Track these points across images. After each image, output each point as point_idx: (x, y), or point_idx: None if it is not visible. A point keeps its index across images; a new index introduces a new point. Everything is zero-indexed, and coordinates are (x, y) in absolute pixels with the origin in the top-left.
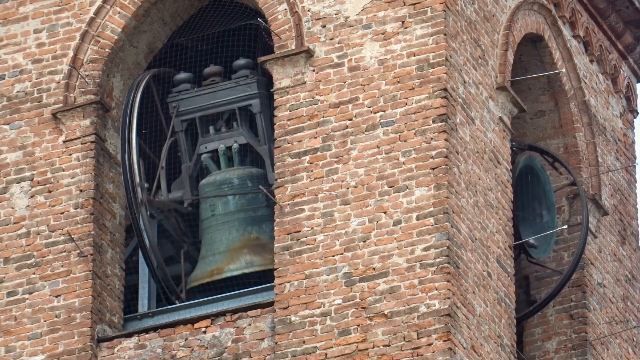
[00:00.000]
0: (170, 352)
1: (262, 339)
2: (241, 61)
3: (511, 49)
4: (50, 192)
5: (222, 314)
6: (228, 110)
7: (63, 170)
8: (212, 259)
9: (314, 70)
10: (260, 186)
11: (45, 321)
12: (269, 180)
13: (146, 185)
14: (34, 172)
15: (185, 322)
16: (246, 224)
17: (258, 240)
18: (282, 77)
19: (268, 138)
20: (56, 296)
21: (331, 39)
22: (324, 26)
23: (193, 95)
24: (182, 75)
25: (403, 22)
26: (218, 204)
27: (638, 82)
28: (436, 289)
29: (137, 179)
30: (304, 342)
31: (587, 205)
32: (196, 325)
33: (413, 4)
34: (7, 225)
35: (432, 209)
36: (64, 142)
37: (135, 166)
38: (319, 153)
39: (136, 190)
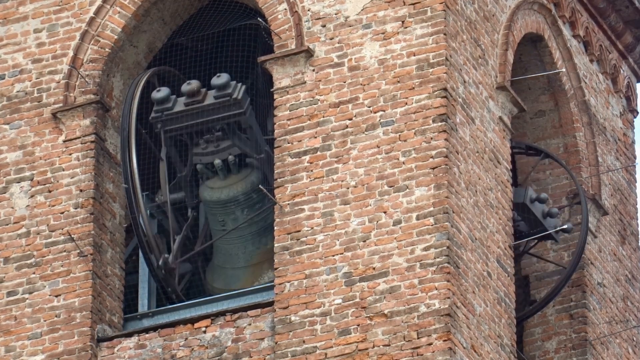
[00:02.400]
0: (170, 351)
1: (262, 339)
2: (220, 79)
3: (511, 48)
4: (50, 191)
5: (222, 313)
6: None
7: (63, 170)
8: (233, 273)
9: (314, 70)
10: (260, 186)
11: (45, 321)
12: (270, 184)
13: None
14: (34, 172)
15: (185, 321)
16: (259, 235)
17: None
18: (282, 77)
19: (267, 143)
20: (56, 296)
21: (331, 39)
22: (324, 26)
23: (177, 116)
24: (161, 94)
25: (403, 21)
26: (227, 220)
27: (638, 81)
28: (436, 289)
29: (137, 179)
30: (304, 341)
31: (587, 205)
32: (196, 325)
33: (413, 4)
34: (7, 225)
35: (432, 208)
36: (64, 141)
37: (135, 166)
38: (318, 153)
39: (136, 190)
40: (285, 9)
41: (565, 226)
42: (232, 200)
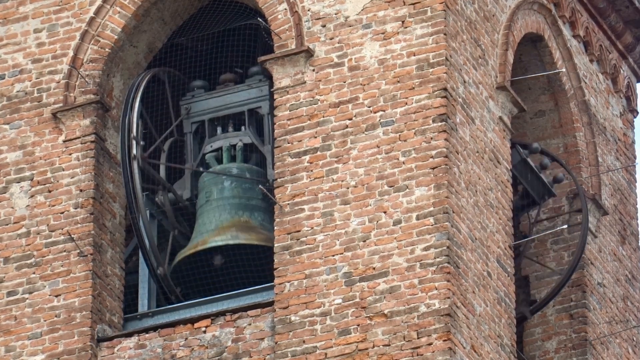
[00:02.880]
0: (170, 351)
1: (262, 339)
2: (255, 67)
3: (511, 48)
4: (50, 191)
5: (222, 313)
6: (237, 113)
7: (63, 170)
8: (200, 236)
9: (314, 70)
10: (260, 186)
11: (45, 321)
12: (268, 179)
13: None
14: (34, 172)
15: (185, 321)
16: (238, 208)
17: (247, 223)
18: (282, 77)
19: (272, 138)
20: (56, 296)
21: (331, 39)
22: (324, 26)
23: (205, 98)
24: (198, 82)
25: (403, 21)
26: (214, 190)
27: (638, 81)
28: (436, 289)
29: (137, 179)
30: (304, 341)
31: (587, 205)
32: (196, 325)
33: (413, 4)
34: (7, 225)
35: (432, 208)
36: (64, 141)
37: (135, 166)
38: (318, 153)
39: (137, 190)
40: (285, 9)
41: (565, 226)
42: (224, 170)
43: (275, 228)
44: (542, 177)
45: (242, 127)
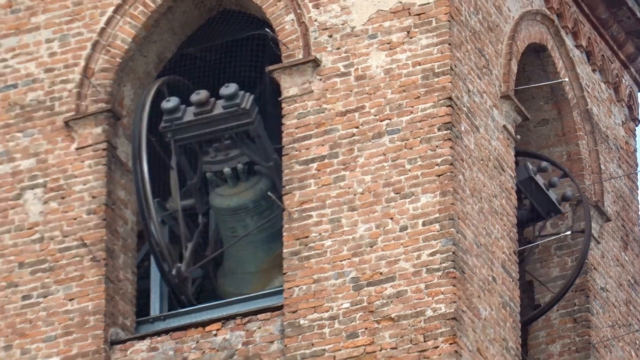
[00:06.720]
0: (182, 354)
1: (272, 342)
2: (229, 89)
3: (515, 58)
4: (63, 198)
5: (233, 317)
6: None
7: (75, 177)
8: (244, 277)
9: (321, 79)
10: (269, 193)
11: (59, 324)
12: (278, 190)
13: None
14: (47, 179)
15: (196, 325)
16: (268, 242)
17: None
18: (289, 86)
19: (276, 151)
20: (70, 300)
21: (338, 49)
22: (330, 36)
23: (187, 126)
24: (170, 104)
25: (408, 32)
26: (238, 227)
27: (639, 90)
28: (442, 293)
29: (148, 186)
30: (312, 344)
31: (590, 211)
32: (207, 328)
33: (418, 15)
34: (22, 230)
35: (437, 215)
36: (76, 149)
37: (146, 174)
38: (326, 160)
39: (148, 197)
40: (293, 20)
41: (568, 232)
42: (241, 207)
43: (284, 234)
44: (549, 194)
45: (235, 143)
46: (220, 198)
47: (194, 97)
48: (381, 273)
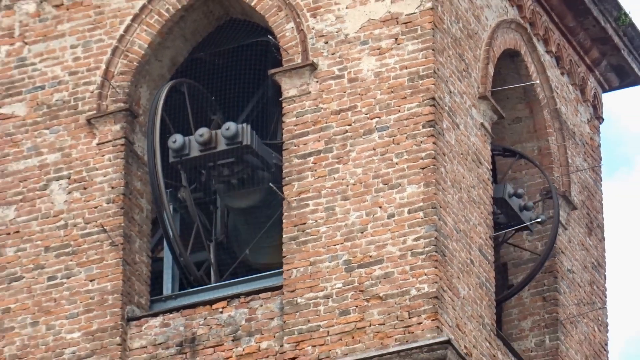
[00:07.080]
0: (192, 330)
1: (272, 319)
2: (229, 131)
3: (492, 62)
4: (85, 189)
5: (237, 296)
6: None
7: (96, 170)
8: (269, 249)
9: (317, 82)
10: (270, 184)
11: (81, 303)
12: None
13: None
14: (71, 172)
15: (204, 303)
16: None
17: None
18: (289, 88)
19: (277, 147)
20: (91, 280)
21: (333, 54)
22: (326, 42)
23: (197, 157)
24: (177, 145)
25: (396, 39)
26: (249, 222)
27: (604, 92)
28: (425, 275)
29: (162, 178)
30: (309, 321)
31: (558, 200)
32: (214, 306)
33: (405, 23)
34: (48, 218)
35: (421, 204)
36: (97, 144)
37: (159, 167)
38: (322, 154)
39: (161, 187)
40: (292, 28)
41: (539, 219)
42: (251, 206)
43: (284, 221)
44: (520, 216)
45: (240, 164)
46: (230, 199)
47: (198, 139)
48: (371, 256)
